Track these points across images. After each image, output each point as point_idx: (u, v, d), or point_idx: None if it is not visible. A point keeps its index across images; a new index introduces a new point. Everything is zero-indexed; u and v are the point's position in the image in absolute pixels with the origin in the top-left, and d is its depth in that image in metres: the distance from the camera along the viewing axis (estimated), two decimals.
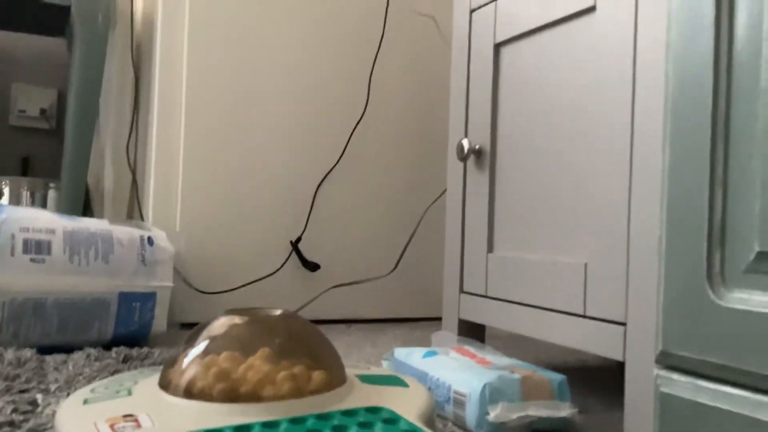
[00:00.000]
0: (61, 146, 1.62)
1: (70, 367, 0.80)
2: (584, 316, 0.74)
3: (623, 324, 0.68)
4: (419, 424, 0.41)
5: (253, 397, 0.45)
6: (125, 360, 0.86)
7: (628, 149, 0.69)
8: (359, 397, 0.47)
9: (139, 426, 0.40)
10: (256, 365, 0.47)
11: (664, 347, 0.46)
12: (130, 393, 0.47)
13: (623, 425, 0.65)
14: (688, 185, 0.45)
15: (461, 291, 1.01)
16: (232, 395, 0.44)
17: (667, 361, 0.46)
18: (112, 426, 0.40)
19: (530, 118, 0.87)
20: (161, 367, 0.51)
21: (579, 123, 0.78)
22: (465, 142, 0.96)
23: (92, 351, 0.89)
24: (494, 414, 0.63)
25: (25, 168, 1.90)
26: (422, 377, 0.73)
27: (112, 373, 0.79)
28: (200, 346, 0.49)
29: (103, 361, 0.84)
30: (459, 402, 0.67)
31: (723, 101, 0.44)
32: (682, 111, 0.46)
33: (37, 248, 0.94)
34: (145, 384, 0.48)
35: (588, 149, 0.76)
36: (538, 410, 0.66)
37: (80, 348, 0.93)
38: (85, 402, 0.45)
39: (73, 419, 0.41)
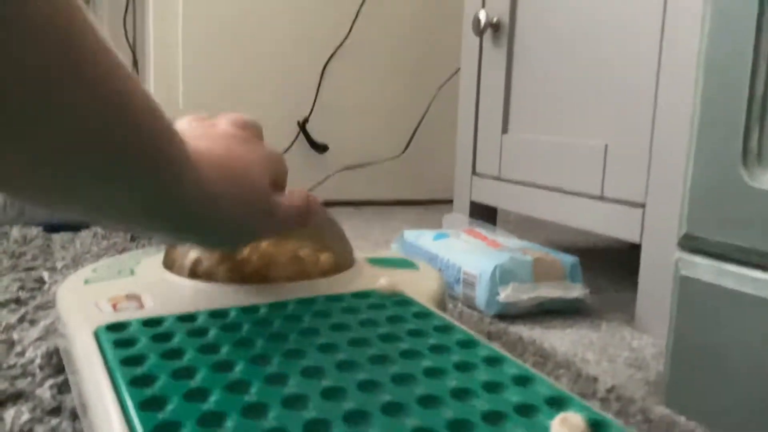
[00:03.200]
0: None
1: (77, 245, 0.80)
2: (602, 198, 0.72)
3: (642, 206, 0.65)
4: (430, 306, 0.40)
5: (260, 278, 0.43)
6: (133, 239, 0.86)
7: (660, 18, 0.63)
8: (369, 279, 0.45)
9: (141, 306, 0.39)
10: (262, 247, 0.45)
11: (689, 230, 0.44)
12: (132, 273, 0.45)
13: (635, 306, 0.64)
14: (729, 53, 0.41)
15: (473, 173, 0.98)
16: (237, 276, 0.43)
17: (690, 243, 0.44)
18: (114, 305, 0.39)
19: None
20: (164, 247, 0.49)
21: None
22: (482, 14, 0.90)
23: (99, 229, 0.89)
24: (504, 294, 0.63)
25: None
26: (432, 259, 0.72)
27: (120, 252, 0.79)
28: None
29: (110, 240, 0.84)
30: (469, 283, 0.66)
31: None
32: None
33: None
34: (149, 264, 0.47)
35: (615, 21, 0.70)
36: (549, 291, 0.65)
37: (87, 226, 0.93)
38: (87, 282, 0.44)
39: (74, 299, 0.40)
